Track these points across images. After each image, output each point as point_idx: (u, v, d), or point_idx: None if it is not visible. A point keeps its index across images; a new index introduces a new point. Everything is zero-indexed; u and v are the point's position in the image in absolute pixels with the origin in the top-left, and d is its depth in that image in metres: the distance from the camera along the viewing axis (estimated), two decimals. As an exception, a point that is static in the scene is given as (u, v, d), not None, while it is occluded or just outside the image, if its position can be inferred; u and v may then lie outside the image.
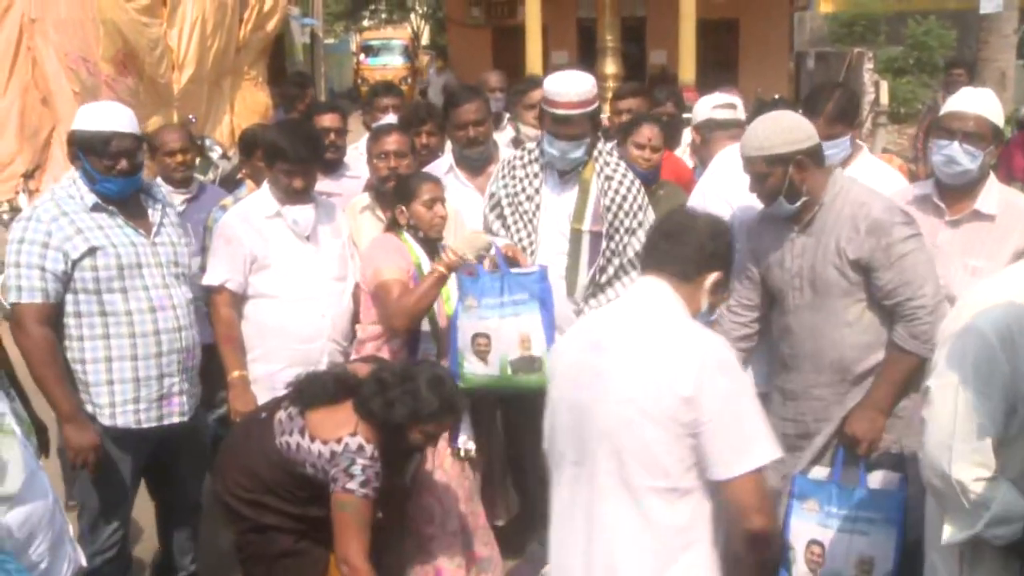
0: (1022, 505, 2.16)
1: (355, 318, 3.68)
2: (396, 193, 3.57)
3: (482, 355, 3.33)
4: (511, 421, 4.09)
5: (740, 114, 3.98)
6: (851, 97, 3.73)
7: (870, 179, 3.52)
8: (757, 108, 4.37)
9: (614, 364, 2.25)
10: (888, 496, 3.04)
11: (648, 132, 4.13)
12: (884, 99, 16.31)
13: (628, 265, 3.68)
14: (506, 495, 4.23)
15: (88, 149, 3.21)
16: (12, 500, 2.15)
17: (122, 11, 10.39)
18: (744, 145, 3.12)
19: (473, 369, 3.35)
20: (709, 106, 4.34)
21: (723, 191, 3.68)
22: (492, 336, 3.31)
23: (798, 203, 3.08)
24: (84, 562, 2.58)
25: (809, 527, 3.09)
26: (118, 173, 3.23)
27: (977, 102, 3.32)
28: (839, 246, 3.04)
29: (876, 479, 3.09)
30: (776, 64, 18.36)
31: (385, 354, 3.46)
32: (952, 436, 2.17)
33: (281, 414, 3.03)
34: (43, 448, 3.30)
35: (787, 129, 3.07)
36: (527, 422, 3.91)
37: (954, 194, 3.32)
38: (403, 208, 3.51)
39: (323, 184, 4.08)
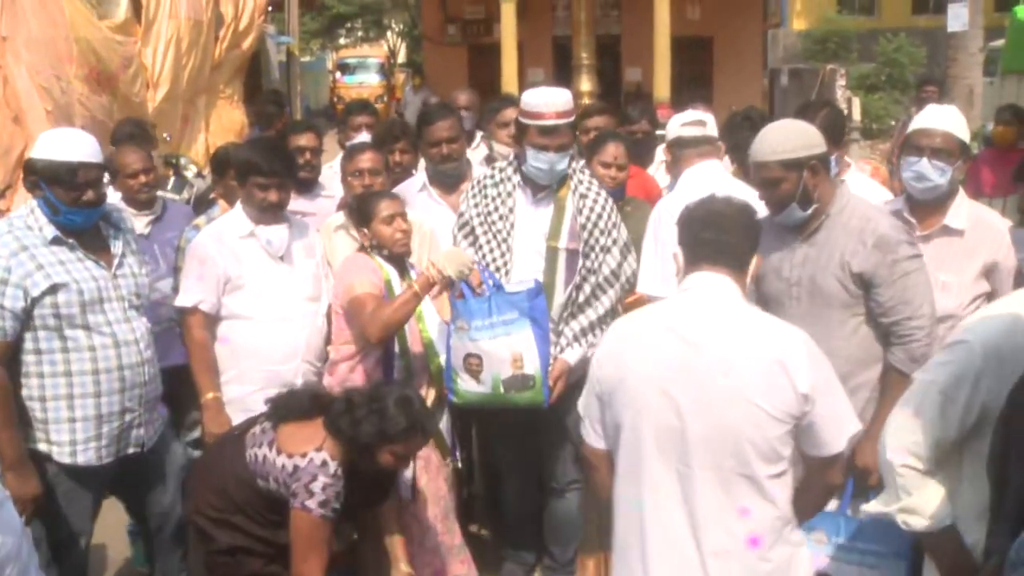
0: (943, 510, 2.28)
1: (328, 339, 3.66)
2: (356, 215, 3.57)
3: (474, 374, 3.37)
4: (486, 437, 4.09)
5: (711, 130, 4.00)
6: (837, 115, 3.79)
7: (858, 194, 3.58)
8: (729, 122, 4.38)
9: (720, 365, 2.31)
10: (896, 529, 2.96)
11: (614, 151, 4.13)
12: (856, 115, 16.53)
13: (604, 283, 3.69)
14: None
15: (53, 179, 3.10)
16: None
17: (95, 29, 10.32)
18: (756, 151, 3.08)
19: (466, 387, 3.40)
20: (678, 124, 4.34)
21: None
22: (483, 356, 3.34)
23: (810, 210, 3.06)
24: None
25: (817, 559, 2.97)
26: (84, 204, 3.14)
27: (944, 119, 3.37)
28: (843, 259, 3.04)
29: None
30: (750, 80, 18.55)
31: (359, 374, 3.45)
32: (903, 423, 2.31)
33: (255, 428, 3.03)
34: None
35: (801, 133, 3.07)
36: (504, 438, 3.92)
37: (924, 209, 3.36)
38: (364, 230, 3.51)
39: (298, 204, 4.07)
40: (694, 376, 2.32)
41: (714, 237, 2.41)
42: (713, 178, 3.71)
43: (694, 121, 3.96)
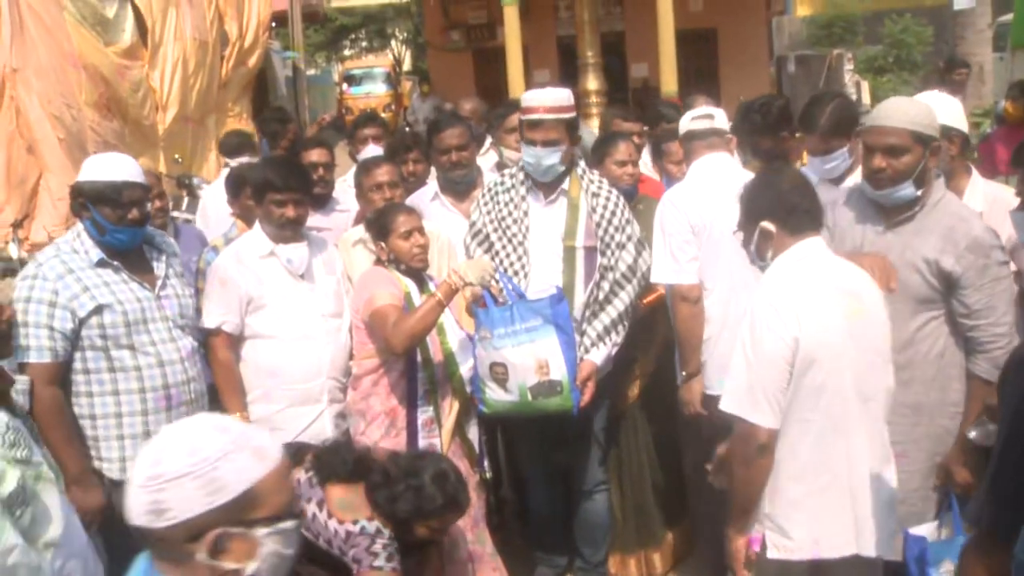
0: None
1: (351, 354, 3.67)
2: (372, 230, 3.58)
3: (501, 382, 3.38)
4: (512, 442, 4.09)
5: (720, 123, 4.01)
6: (847, 106, 3.68)
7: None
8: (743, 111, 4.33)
9: (874, 319, 2.65)
10: None
11: (626, 148, 4.17)
12: (866, 99, 16.42)
13: (623, 280, 3.70)
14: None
15: (99, 199, 3.23)
16: (56, 545, 2.18)
17: (103, 55, 10.40)
18: (883, 116, 2.97)
19: (494, 396, 3.42)
20: (689, 118, 4.35)
21: (698, 198, 3.64)
22: (508, 365, 3.35)
23: (919, 192, 2.97)
24: None
25: None
26: (130, 223, 3.26)
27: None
28: (930, 255, 2.97)
29: None
30: (757, 70, 18.45)
31: (383, 387, 3.46)
32: None
33: (301, 475, 2.98)
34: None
35: (930, 112, 2.98)
36: (530, 443, 3.92)
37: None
38: (382, 244, 3.52)
39: (313, 219, 4.10)
40: (866, 326, 2.61)
41: (810, 205, 2.62)
42: (722, 169, 3.71)
43: (703, 115, 3.98)
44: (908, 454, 3.01)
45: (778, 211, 2.62)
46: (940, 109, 3.22)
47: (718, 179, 3.63)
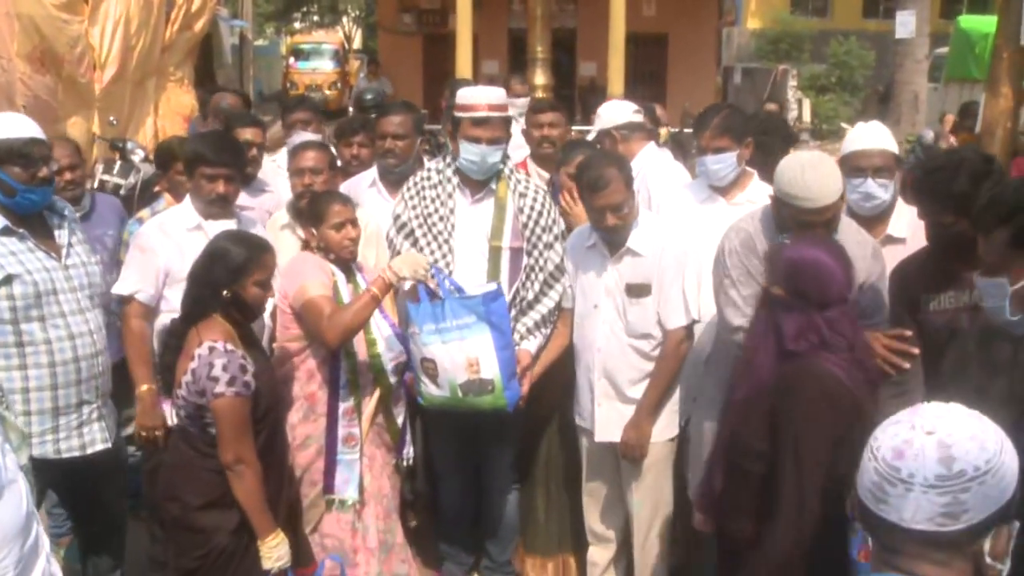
0: None
1: (272, 336, 3.63)
2: (306, 215, 3.55)
3: (432, 378, 3.37)
4: (429, 435, 4.09)
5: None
6: (739, 115, 3.91)
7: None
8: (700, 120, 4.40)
9: None
10: None
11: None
12: (807, 116, 16.76)
13: (551, 279, 3.71)
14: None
15: (7, 158, 3.07)
16: None
17: (40, 6, 10.07)
18: (819, 195, 2.94)
19: (428, 390, 3.41)
20: (629, 111, 4.63)
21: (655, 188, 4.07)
22: (436, 361, 3.33)
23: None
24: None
25: None
26: (40, 181, 3.12)
27: (877, 137, 3.49)
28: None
29: None
30: (704, 78, 18.68)
31: (303, 372, 3.43)
32: None
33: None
34: None
35: (839, 176, 3.06)
36: (446, 437, 3.92)
37: (866, 221, 3.41)
38: (312, 231, 3.48)
39: (240, 199, 4.03)
40: None
41: None
42: (653, 157, 4.38)
43: (637, 110, 4.49)
44: None
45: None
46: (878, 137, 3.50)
47: (650, 166, 4.11)
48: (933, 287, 2.95)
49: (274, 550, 2.94)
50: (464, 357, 3.32)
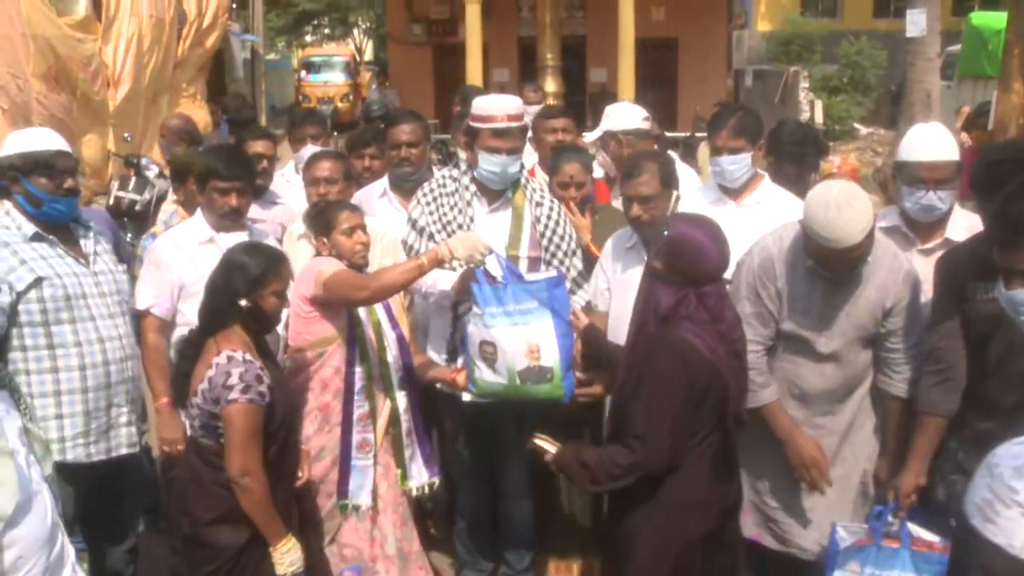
0: None
1: (287, 347, 3.64)
2: (315, 225, 3.56)
3: (490, 363, 3.25)
4: (446, 443, 4.09)
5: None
6: (754, 118, 3.83)
7: (775, 207, 3.65)
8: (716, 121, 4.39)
9: None
10: (929, 560, 2.99)
11: (569, 169, 4.03)
12: (819, 117, 16.71)
13: (574, 286, 3.71)
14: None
15: (34, 170, 3.17)
16: (5, 521, 2.15)
17: (54, 27, 10.19)
18: (845, 234, 2.94)
19: (484, 376, 3.28)
20: (638, 117, 4.57)
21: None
22: (497, 345, 3.22)
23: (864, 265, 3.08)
24: None
25: None
26: (65, 192, 3.21)
27: (942, 147, 3.33)
28: (876, 295, 3.10)
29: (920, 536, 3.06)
30: (715, 82, 18.67)
31: (316, 384, 3.43)
32: None
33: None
34: None
35: (870, 208, 3.02)
36: (463, 445, 3.92)
37: (924, 225, 3.38)
38: (324, 239, 3.50)
39: (251, 211, 4.06)
40: None
41: None
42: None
43: (646, 117, 4.36)
44: (845, 467, 3.26)
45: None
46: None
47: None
48: (983, 275, 2.87)
49: (287, 555, 2.94)
50: (525, 343, 3.20)
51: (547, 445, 3.05)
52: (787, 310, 3.19)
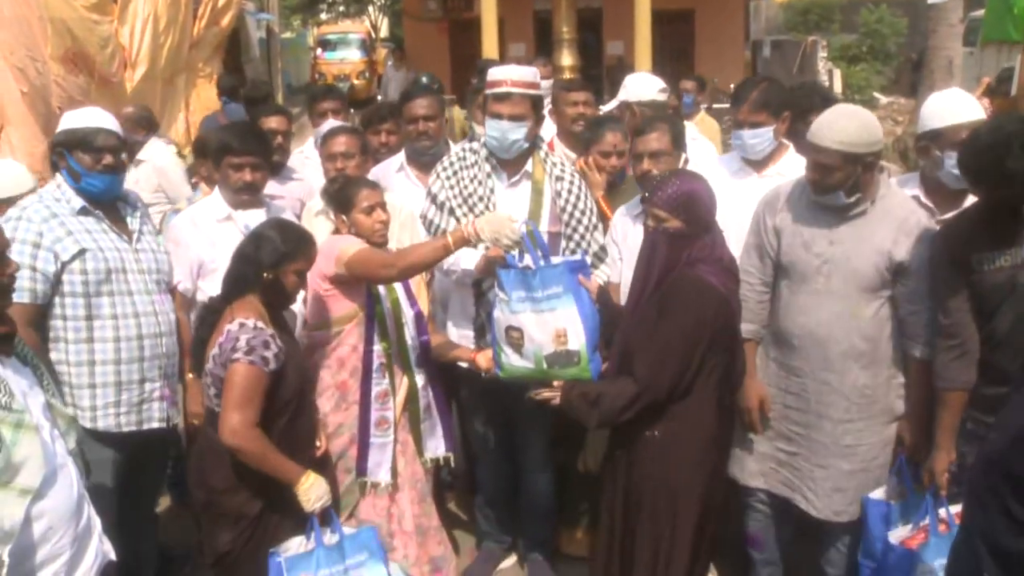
0: None
1: (305, 322, 3.66)
2: (335, 203, 3.56)
3: (516, 347, 3.22)
4: (465, 420, 4.11)
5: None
6: (778, 90, 3.80)
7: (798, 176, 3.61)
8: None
9: None
10: None
11: (612, 139, 4.03)
12: (838, 86, 16.55)
13: (596, 260, 3.71)
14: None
15: (74, 145, 3.28)
16: (32, 494, 2.20)
17: (70, 9, 10.20)
18: (819, 135, 3.09)
19: (510, 360, 3.26)
20: (655, 88, 4.57)
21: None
22: (524, 330, 3.19)
23: (853, 199, 3.12)
24: (113, 556, 2.60)
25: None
26: (103, 168, 3.29)
27: (974, 108, 3.35)
28: (884, 246, 3.10)
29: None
30: (732, 53, 18.50)
31: (333, 361, 3.45)
32: None
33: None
34: None
35: (867, 129, 3.08)
36: (482, 420, 3.94)
37: (944, 194, 3.37)
38: (343, 217, 3.51)
39: (268, 187, 4.08)
40: None
41: None
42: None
43: (663, 88, 4.37)
44: (868, 429, 3.25)
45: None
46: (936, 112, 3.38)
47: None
48: (988, 246, 2.90)
49: (310, 491, 2.93)
50: (552, 328, 3.16)
51: (549, 393, 3.16)
52: (787, 243, 3.25)
